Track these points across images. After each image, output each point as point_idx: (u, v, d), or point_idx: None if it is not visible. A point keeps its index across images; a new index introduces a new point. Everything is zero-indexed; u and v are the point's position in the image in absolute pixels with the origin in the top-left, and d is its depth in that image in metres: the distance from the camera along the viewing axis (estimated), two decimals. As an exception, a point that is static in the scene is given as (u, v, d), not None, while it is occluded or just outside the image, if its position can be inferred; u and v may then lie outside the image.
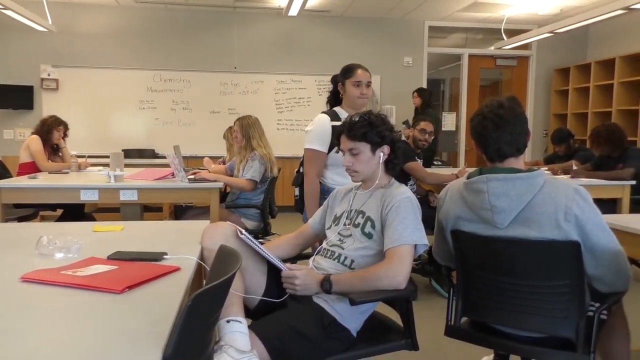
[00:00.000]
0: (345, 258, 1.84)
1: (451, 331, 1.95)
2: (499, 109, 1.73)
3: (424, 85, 7.61)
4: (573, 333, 1.69)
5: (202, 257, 1.72)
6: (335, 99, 2.79)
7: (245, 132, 3.79)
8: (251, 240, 1.72)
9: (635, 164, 4.03)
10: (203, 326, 1.12)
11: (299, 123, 7.30)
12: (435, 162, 6.60)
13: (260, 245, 1.74)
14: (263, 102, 7.20)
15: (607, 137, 4.13)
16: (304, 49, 7.30)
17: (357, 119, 1.89)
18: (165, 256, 1.63)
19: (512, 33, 6.88)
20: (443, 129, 7.90)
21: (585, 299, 1.72)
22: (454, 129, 7.84)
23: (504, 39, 6.58)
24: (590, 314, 1.71)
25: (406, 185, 2.15)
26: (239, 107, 7.02)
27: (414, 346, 1.78)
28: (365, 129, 1.86)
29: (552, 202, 1.66)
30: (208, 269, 1.63)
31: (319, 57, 7.30)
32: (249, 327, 1.60)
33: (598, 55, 7.19)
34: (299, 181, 2.85)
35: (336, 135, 1.97)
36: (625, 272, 1.73)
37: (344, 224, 1.93)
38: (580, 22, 5.20)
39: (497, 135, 1.72)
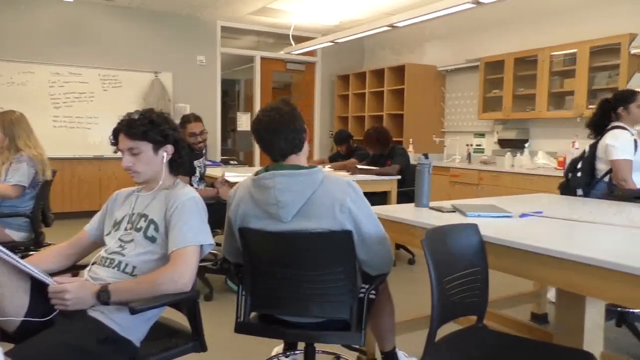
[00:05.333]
0: (126, 265, 1.73)
1: (241, 327, 1.98)
2: (274, 113, 1.86)
3: (219, 86, 7.62)
4: (348, 314, 1.87)
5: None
6: (602, 118, 3.26)
7: (9, 131, 3.26)
8: (7, 254, 1.48)
9: (400, 161, 4.67)
10: None
11: (80, 120, 6.62)
12: (231, 162, 6.67)
13: (19, 259, 1.51)
14: (35, 95, 6.33)
15: (376, 138, 4.72)
16: (85, 39, 6.64)
17: (136, 117, 1.79)
18: None
19: (300, 39, 7.33)
20: (238, 129, 8.05)
21: (357, 283, 1.93)
22: (248, 128, 8.02)
23: (292, 45, 6.97)
24: (362, 295, 1.92)
25: None
26: (4, 101, 6.04)
27: (202, 347, 1.76)
28: (146, 127, 1.77)
29: (329, 196, 1.83)
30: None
31: (103, 49, 6.73)
32: (7, 353, 1.38)
33: (372, 65, 8.12)
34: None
35: (113, 134, 1.83)
36: (389, 256, 1.98)
37: (125, 229, 1.80)
38: (355, 34, 5.79)
39: (277, 137, 1.86)
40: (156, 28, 7.06)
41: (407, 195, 4.57)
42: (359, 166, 4.74)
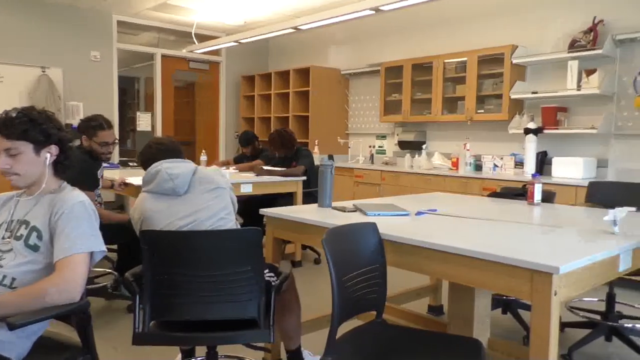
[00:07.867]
0: (4, 277, 1.57)
1: (139, 339, 1.89)
2: (168, 141, 2.43)
3: (116, 83, 7.21)
4: (256, 312, 1.87)
5: None
6: None
7: None
8: None
9: (305, 162, 4.71)
10: None
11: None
12: (130, 164, 6.33)
13: None
14: None
15: (280, 142, 4.76)
16: (-41, 28, 5.97)
17: (14, 114, 1.64)
18: None
19: (203, 38, 7.14)
20: (138, 129, 7.67)
21: (264, 280, 1.92)
22: (149, 129, 7.68)
23: (195, 43, 6.78)
24: (269, 278, 2.00)
25: None
26: None
27: (93, 362, 1.65)
28: (26, 126, 1.63)
29: (209, 171, 2.30)
30: None
31: (-20, 39, 6.09)
32: None
33: (277, 66, 8.13)
34: None
35: None
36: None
37: (3, 237, 1.64)
38: (260, 35, 5.76)
39: (178, 155, 2.36)
40: (44, 19, 6.52)
41: (312, 195, 4.63)
42: (265, 167, 4.72)
